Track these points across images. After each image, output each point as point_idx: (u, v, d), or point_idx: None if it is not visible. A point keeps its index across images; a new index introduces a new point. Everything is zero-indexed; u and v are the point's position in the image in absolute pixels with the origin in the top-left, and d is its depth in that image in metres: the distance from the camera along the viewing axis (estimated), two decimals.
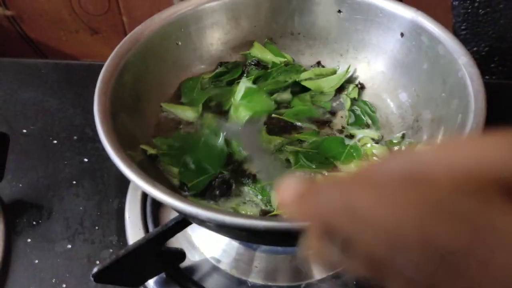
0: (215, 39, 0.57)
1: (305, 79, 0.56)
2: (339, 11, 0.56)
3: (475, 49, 0.80)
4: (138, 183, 0.35)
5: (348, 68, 0.56)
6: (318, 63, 0.59)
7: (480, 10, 0.75)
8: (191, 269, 0.52)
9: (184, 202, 0.34)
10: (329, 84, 0.55)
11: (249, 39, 0.58)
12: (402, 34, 0.52)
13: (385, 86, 0.55)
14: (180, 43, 0.54)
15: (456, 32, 0.79)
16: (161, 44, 0.52)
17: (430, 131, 0.48)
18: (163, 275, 0.50)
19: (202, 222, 0.38)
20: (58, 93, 0.72)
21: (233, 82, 0.56)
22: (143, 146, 0.47)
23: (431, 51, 0.49)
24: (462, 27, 0.78)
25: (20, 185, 0.59)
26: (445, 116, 0.46)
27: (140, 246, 0.44)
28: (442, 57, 0.47)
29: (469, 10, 0.76)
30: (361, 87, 0.56)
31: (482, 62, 0.81)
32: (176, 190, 0.47)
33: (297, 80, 0.55)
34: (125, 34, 0.93)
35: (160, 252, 0.49)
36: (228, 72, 0.56)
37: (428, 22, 0.49)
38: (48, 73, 0.75)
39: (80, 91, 0.72)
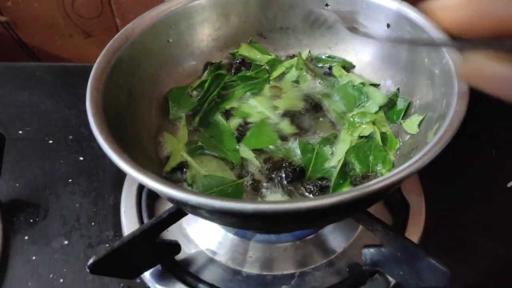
0: (205, 35, 0.58)
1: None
2: (327, 5, 0.56)
3: None
4: (129, 171, 0.36)
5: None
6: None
7: None
8: (187, 261, 0.53)
9: (175, 189, 0.34)
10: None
11: (239, 35, 0.59)
12: (388, 25, 0.53)
13: (373, 76, 0.56)
14: (171, 40, 0.55)
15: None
16: (152, 41, 0.53)
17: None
18: (159, 267, 0.51)
19: (194, 210, 0.39)
20: (53, 95, 0.73)
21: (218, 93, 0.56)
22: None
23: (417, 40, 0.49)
24: None
25: (17, 184, 0.60)
26: (431, 102, 0.47)
27: (135, 237, 0.45)
28: (426, 46, 0.48)
29: None
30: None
31: None
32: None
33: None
34: None
35: (155, 244, 0.50)
36: (213, 81, 0.57)
37: (413, 12, 0.50)
38: (43, 76, 0.76)
39: (75, 92, 0.73)
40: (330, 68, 0.59)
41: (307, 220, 0.41)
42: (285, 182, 0.46)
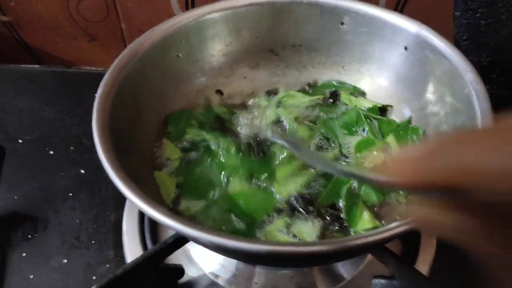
0: (216, 50, 0.56)
1: None
2: (342, 23, 0.55)
3: (476, 59, 0.79)
4: (142, 206, 0.34)
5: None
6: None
7: (482, 21, 0.75)
8: (190, 285, 0.51)
9: (184, 224, 0.33)
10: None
11: (251, 50, 0.58)
12: (406, 48, 0.51)
13: (388, 100, 0.54)
14: (180, 55, 0.53)
15: (457, 43, 0.79)
16: (162, 56, 0.51)
17: None
18: None
19: (202, 244, 0.37)
20: (55, 102, 0.71)
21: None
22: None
23: (436, 66, 0.48)
24: (464, 38, 0.78)
25: (15, 197, 0.58)
26: (449, 132, 0.45)
27: (138, 265, 0.44)
28: (447, 73, 0.46)
29: (471, 21, 0.75)
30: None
31: (484, 72, 0.80)
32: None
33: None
34: (124, 41, 0.93)
35: (158, 269, 0.48)
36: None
37: (433, 37, 0.48)
38: (45, 81, 0.74)
39: (78, 100, 0.71)
40: (333, 93, 0.57)
41: (321, 261, 0.39)
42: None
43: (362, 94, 0.56)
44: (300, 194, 0.46)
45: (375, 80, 0.55)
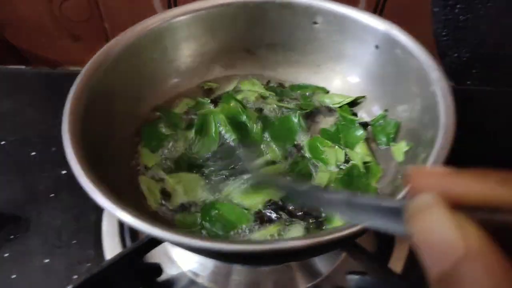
0: (191, 50, 0.57)
1: None
2: (315, 23, 0.55)
3: (456, 55, 0.80)
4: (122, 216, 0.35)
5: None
6: None
7: (461, 17, 0.76)
8: (169, 283, 0.52)
9: (153, 226, 0.34)
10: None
11: (226, 50, 0.58)
12: (377, 47, 0.52)
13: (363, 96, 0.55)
14: (155, 57, 0.54)
15: (437, 38, 0.80)
16: (136, 58, 0.52)
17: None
18: None
19: (170, 242, 0.38)
20: (38, 103, 0.71)
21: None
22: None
23: (405, 64, 0.49)
24: (443, 33, 0.78)
25: None
26: (417, 130, 0.46)
27: (115, 263, 0.45)
28: (415, 71, 0.47)
29: (450, 17, 0.76)
30: None
31: (464, 67, 0.81)
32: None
33: None
34: (107, 41, 0.93)
35: (136, 267, 0.49)
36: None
37: (402, 35, 0.49)
38: (28, 82, 0.75)
39: (61, 101, 0.71)
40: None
41: (290, 257, 0.40)
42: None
43: (325, 91, 0.58)
44: (272, 201, 0.46)
45: (349, 78, 0.56)
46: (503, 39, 0.76)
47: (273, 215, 0.45)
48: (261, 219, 0.45)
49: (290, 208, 0.46)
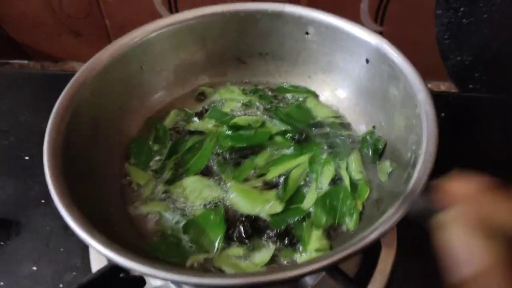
0: (181, 60, 0.56)
1: None
2: (307, 33, 0.54)
3: (458, 58, 0.78)
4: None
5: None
6: None
7: (464, 20, 0.73)
8: None
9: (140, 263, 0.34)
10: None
11: (217, 59, 0.58)
12: (367, 61, 0.51)
13: (351, 111, 0.54)
14: (144, 67, 0.54)
15: (439, 41, 0.78)
16: (123, 69, 0.51)
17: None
18: None
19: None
20: (34, 105, 0.71)
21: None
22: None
23: (393, 81, 0.47)
24: (445, 36, 0.76)
25: None
26: (401, 150, 0.45)
27: (100, 276, 0.45)
28: (402, 89, 0.46)
29: (452, 20, 0.74)
30: None
31: (466, 71, 0.79)
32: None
33: None
34: (109, 37, 0.93)
35: (119, 280, 0.49)
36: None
37: (392, 51, 0.48)
38: (24, 84, 0.75)
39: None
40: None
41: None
42: (244, 236, 0.44)
43: (316, 96, 0.57)
44: (249, 219, 0.46)
45: (340, 90, 0.55)
46: (506, 43, 0.73)
47: (243, 233, 0.45)
48: (230, 237, 0.45)
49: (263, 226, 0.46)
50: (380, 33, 0.79)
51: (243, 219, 0.45)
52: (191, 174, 0.49)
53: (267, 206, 0.45)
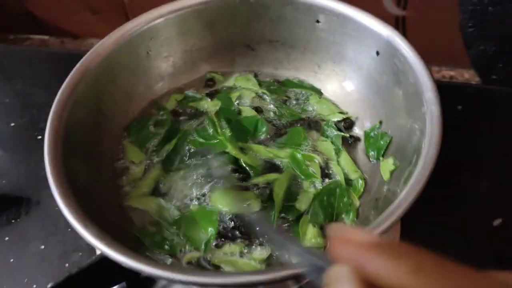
0: (189, 45, 0.56)
1: None
2: (318, 21, 0.53)
3: (482, 47, 0.75)
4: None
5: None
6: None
7: (489, 8, 0.70)
8: (152, 279, 0.54)
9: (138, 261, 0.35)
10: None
11: (225, 46, 0.57)
12: (377, 53, 0.49)
13: (359, 104, 0.53)
14: (150, 52, 0.53)
15: (462, 29, 0.74)
16: (129, 55, 0.51)
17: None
18: (124, 284, 0.52)
19: None
20: (47, 84, 0.72)
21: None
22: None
23: (402, 76, 0.46)
24: (469, 24, 0.73)
25: (4, 181, 0.62)
26: (405, 149, 0.44)
27: (94, 264, 0.46)
28: (411, 85, 0.44)
29: (478, 7, 0.71)
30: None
31: (489, 61, 0.76)
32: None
33: None
34: (126, 15, 0.93)
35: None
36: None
37: (404, 44, 0.46)
38: (41, 63, 0.76)
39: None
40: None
41: None
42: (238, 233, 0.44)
43: (319, 93, 0.56)
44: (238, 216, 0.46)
45: (348, 82, 0.54)
46: None
47: (237, 232, 0.45)
48: (224, 235, 0.45)
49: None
50: (403, 17, 0.78)
51: (233, 216, 0.45)
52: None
53: (245, 205, 0.45)
